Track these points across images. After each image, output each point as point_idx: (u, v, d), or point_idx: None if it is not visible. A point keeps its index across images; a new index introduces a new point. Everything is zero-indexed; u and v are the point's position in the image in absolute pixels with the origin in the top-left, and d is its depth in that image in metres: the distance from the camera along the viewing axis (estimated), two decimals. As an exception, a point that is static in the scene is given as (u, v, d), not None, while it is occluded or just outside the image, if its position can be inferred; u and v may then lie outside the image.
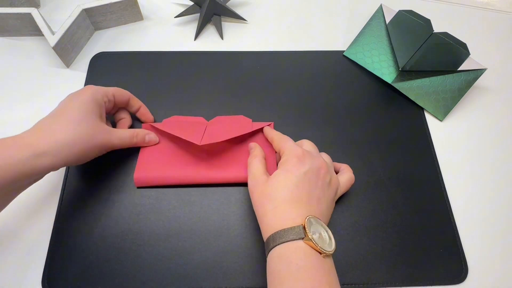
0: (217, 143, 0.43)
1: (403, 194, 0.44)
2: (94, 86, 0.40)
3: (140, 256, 0.39)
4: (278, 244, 0.32)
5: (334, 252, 0.32)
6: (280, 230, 0.32)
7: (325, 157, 0.41)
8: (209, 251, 0.40)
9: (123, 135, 0.41)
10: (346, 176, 0.41)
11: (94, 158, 0.39)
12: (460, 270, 0.40)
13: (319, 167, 0.36)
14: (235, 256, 0.39)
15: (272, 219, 0.33)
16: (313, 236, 0.31)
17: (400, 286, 0.39)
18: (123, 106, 0.44)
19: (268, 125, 0.46)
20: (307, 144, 0.40)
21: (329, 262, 0.32)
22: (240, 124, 0.45)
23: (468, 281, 0.39)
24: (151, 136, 0.44)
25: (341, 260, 0.40)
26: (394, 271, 0.39)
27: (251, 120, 0.46)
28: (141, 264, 0.39)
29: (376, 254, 0.40)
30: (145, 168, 0.42)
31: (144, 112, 0.45)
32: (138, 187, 0.42)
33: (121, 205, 0.41)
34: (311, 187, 0.35)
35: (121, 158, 0.44)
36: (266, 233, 0.34)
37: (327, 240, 0.32)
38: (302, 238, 0.31)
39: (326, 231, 0.33)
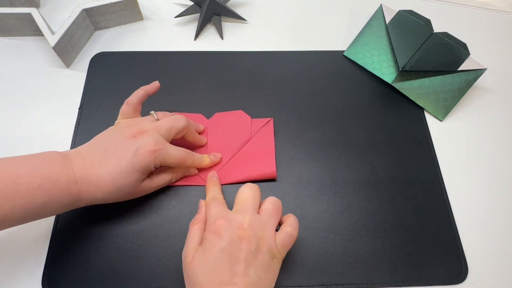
0: (219, 144, 0.44)
1: (403, 194, 0.44)
2: (162, 147, 0.37)
3: (140, 256, 0.39)
4: None
5: None
6: None
7: (268, 207, 0.35)
8: (209, 251, 0.40)
9: (160, 183, 0.40)
10: (283, 233, 0.34)
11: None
12: (460, 270, 0.40)
13: (240, 237, 0.32)
14: (235, 256, 0.39)
15: None
16: None
17: (400, 286, 0.39)
18: None
19: (267, 122, 0.46)
20: (239, 198, 0.36)
21: None
22: (239, 125, 0.45)
23: (468, 281, 0.39)
24: (192, 171, 0.43)
25: (341, 260, 0.40)
26: (394, 271, 0.39)
27: (250, 117, 0.46)
28: (141, 264, 0.39)
29: (376, 254, 0.40)
30: None
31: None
32: None
33: (121, 205, 0.41)
34: (232, 264, 0.31)
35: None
36: None
37: None
38: None
39: None
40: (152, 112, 0.41)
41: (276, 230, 0.34)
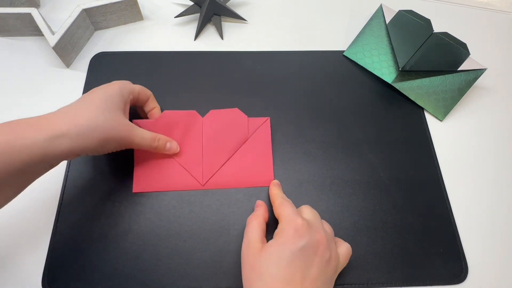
0: (214, 144, 0.44)
1: (403, 194, 0.44)
2: (121, 81, 0.40)
3: (140, 256, 0.39)
4: None
5: None
6: None
7: (327, 227, 0.36)
8: (209, 251, 0.40)
9: (145, 135, 0.39)
10: (344, 248, 0.36)
11: (111, 151, 0.38)
12: (460, 270, 0.40)
13: (318, 242, 0.32)
14: (235, 256, 0.39)
15: None
16: None
17: (400, 286, 0.39)
18: (141, 105, 0.44)
19: (265, 121, 0.46)
20: (307, 212, 0.36)
21: None
22: (236, 124, 0.45)
23: (468, 281, 0.39)
24: (173, 144, 0.42)
25: (341, 260, 0.40)
26: (394, 271, 0.39)
27: (246, 116, 0.45)
28: (141, 264, 0.39)
29: (376, 254, 0.40)
30: (142, 174, 0.42)
31: (156, 114, 0.44)
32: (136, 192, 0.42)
33: (121, 205, 0.41)
34: (306, 266, 0.31)
35: (121, 158, 0.44)
36: None
37: None
38: None
39: None
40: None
41: None
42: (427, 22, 0.48)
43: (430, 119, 0.49)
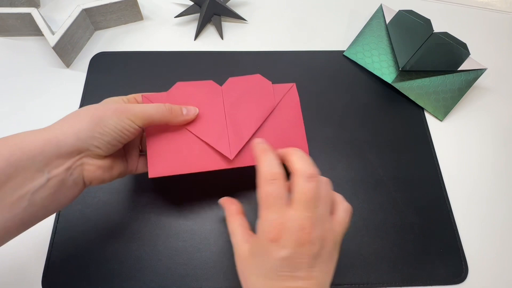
0: (238, 115, 0.37)
1: (403, 194, 0.44)
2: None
3: (140, 256, 0.39)
4: None
5: None
6: None
7: (324, 186, 0.30)
8: (209, 251, 0.40)
9: (147, 106, 0.33)
10: (342, 212, 0.31)
11: (118, 135, 0.31)
12: (460, 270, 0.40)
13: (302, 243, 0.27)
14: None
15: None
16: None
17: (400, 286, 0.39)
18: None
19: (290, 88, 0.40)
20: (306, 189, 0.28)
21: None
22: (260, 92, 0.38)
23: (468, 281, 0.39)
24: (190, 108, 0.35)
25: (341, 260, 0.39)
26: (394, 271, 0.39)
27: (270, 82, 0.39)
28: (141, 264, 0.39)
29: (376, 254, 0.40)
30: (157, 155, 0.35)
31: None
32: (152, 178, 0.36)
33: (121, 205, 0.41)
34: (296, 269, 0.27)
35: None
36: None
37: None
38: None
39: None
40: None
41: None
42: (427, 22, 0.48)
43: (430, 119, 0.49)
